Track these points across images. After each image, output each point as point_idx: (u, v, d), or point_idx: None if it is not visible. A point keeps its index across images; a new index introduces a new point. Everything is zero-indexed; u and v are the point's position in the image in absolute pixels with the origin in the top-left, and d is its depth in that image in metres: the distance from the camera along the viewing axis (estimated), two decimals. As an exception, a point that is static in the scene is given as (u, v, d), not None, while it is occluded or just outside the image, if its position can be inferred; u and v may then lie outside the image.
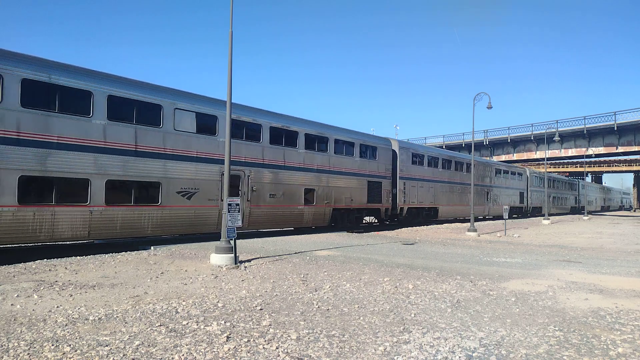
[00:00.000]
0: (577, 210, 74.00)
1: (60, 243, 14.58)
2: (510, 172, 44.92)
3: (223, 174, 14.86)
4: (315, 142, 20.97)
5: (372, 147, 24.82)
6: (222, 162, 15.86)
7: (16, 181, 11.51)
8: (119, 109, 13.87)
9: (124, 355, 4.79)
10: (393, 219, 27.44)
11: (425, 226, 27.73)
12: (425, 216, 29.89)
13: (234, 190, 16.82)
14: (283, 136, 19.36)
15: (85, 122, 13.06)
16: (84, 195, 12.95)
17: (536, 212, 52.96)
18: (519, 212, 47.33)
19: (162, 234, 15.35)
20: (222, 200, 15.26)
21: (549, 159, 53.71)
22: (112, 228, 13.64)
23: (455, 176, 33.56)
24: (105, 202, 13.36)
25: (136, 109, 14.30)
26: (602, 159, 79.26)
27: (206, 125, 16.39)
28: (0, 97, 11.43)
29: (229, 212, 10.82)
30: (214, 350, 4.99)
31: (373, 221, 26.65)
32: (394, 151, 26.65)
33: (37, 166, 11.98)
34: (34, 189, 11.99)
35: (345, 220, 23.26)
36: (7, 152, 11.48)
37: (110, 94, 13.60)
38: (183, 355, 4.82)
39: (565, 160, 74.48)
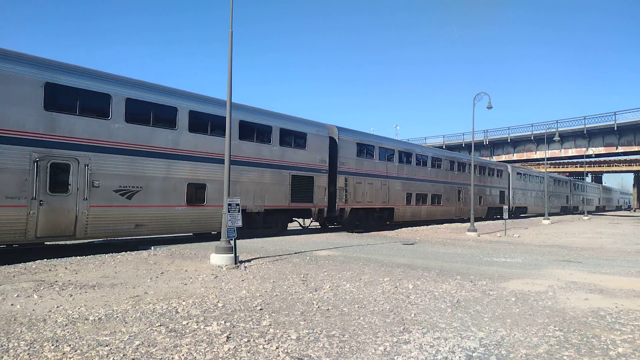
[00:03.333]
0: (600, 208, 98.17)
1: (61, 243, 14.60)
2: (562, 181, 64.83)
3: (458, 190, 33.55)
4: (481, 170, 38.03)
5: (500, 170, 42.71)
6: (453, 183, 32.86)
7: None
8: (420, 160, 29.44)
9: (124, 355, 4.79)
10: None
11: (425, 226, 27.80)
12: (522, 211, 48.18)
13: (459, 197, 33.66)
14: (461, 167, 34.85)
15: (393, 164, 26.40)
16: (409, 200, 27.71)
17: (575, 209, 71.58)
18: (565, 209, 64.99)
19: (427, 219, 29.57)
20: (458, 201, 33.51)
21: (549, 159, 53.72)
22: (418, 215, 28.43)
23: (536, 186, 52.37)
24: (415, 203, 28.13)
25: (435, 161, 31.15)
26: (602, 159, 79.32)
27: (437, 162, 31.32)
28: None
29: (228, 212, 10.82)
30: (214, 350, 4.99)
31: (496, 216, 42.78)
32: (508, 173, 44.62)
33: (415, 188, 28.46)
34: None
35: (491, 214, 39.86)
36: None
37: (400, 150, 27.39)
38: (183, 355, 4.82)
39: (565, 160, 74.61)
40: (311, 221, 21.21)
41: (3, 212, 11.10)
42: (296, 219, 20.80)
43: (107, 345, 5.06)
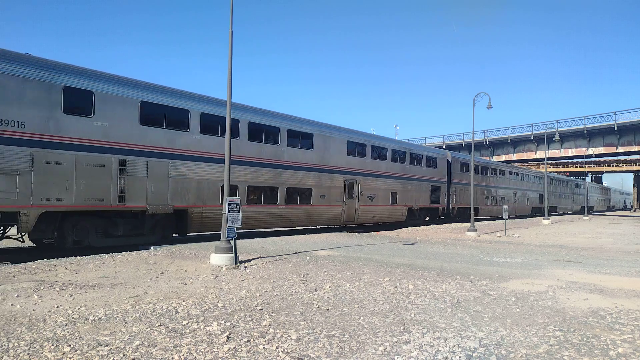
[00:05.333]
0: (611, 208, 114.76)
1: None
2: (578, 184, 74.99)
3: (514, 193, 46.04)
4: (528, 177, 49.99)
5: (538, 176, 52.87)
6: (511, 188, 44.84)
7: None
8: (491, 171, 40.98)
9: (124, 355, 4.79)
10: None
11: (425, 226, 27.78)
12: (553, 210, 58.68)
13: (514, 199, 45.96)
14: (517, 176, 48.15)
15: (477, 176, 35.86)
16: (486, 201, 39.15)
17: (590, 209, 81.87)
18: (583, 209, 72.93)
19: (497, 215, 39.02)
20: (514, 202, 45.92)
21: (549, 159, 53.73)
22: (492, 212, 39.48)
23: (564, 189, 65.12)
24: (490, 204, 39.15)
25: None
26: (602, 159, 79.41)
27: (501, 172, 42.72)
28: None
29: (228, 212, 10.81)
30: (214, 350, 4.98)
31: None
32: (543, 177, 53.36)
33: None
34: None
35: (534, 211, 51.15)
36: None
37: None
38: (183, 355, 4.82)
39: (565, 160, 74.63)
40: (427, 217, 31.32)
41: (334, 208, 21.84)
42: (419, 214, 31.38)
43: (107, 345, 5.06)
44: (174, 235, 16.05)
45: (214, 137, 16.16)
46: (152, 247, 13.65)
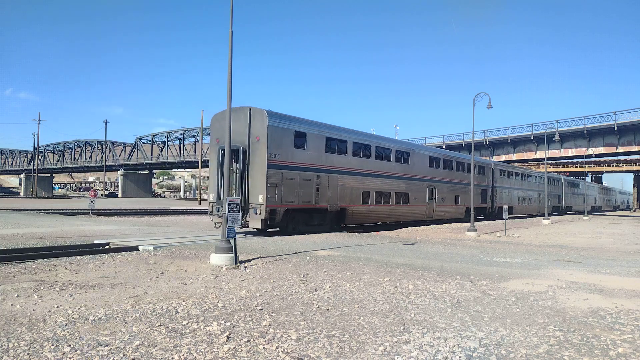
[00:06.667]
0: (616, 208, 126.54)
1: (59, 244, 14.60)
2: (588, 186, 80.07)
3: (538, 193, 51.99)
4: (551, 181, 55.32)
5: (557, 179, 59.14)
6: (533, 190, 51.53)
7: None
8: (521, 175, 48.73)
9: (124, 355, 4.79)
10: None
11: (425, 226, 27.79)
12: (569, 209, 65.62)
13: (537, 199, 52.26)
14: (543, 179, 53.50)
15: (512, 179, 45.41)
16: (518, 202, 46.84)
17: (599, 208, 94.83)
18: (593, 209, 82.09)
19: (526, 213, 48.73)
20: (538, 202, 52.27)
21: (549, 159, 53.74)
22: (524, 210, 48.25)
23: (576, 190, 71.49)
24: (521, 204, 47.14)
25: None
26: (602, 159, 79.46)
27: (528, 176, 49.79)
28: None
29: (228, 212, 10.81)
30: (214, 350, 4.99)
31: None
32: (562, 182, 61.97)
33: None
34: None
35: (554, 210, 57.62)
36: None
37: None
38: (183, 355, 4.82)
39: (565, 160, 74.73)
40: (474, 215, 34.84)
41: (421, 207, 28.61)
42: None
43: (107, 345, 5.06)
44: (337, 226, 22.55)
45: (358, 157, 23.27)
46: (152, 247, 13.65)
